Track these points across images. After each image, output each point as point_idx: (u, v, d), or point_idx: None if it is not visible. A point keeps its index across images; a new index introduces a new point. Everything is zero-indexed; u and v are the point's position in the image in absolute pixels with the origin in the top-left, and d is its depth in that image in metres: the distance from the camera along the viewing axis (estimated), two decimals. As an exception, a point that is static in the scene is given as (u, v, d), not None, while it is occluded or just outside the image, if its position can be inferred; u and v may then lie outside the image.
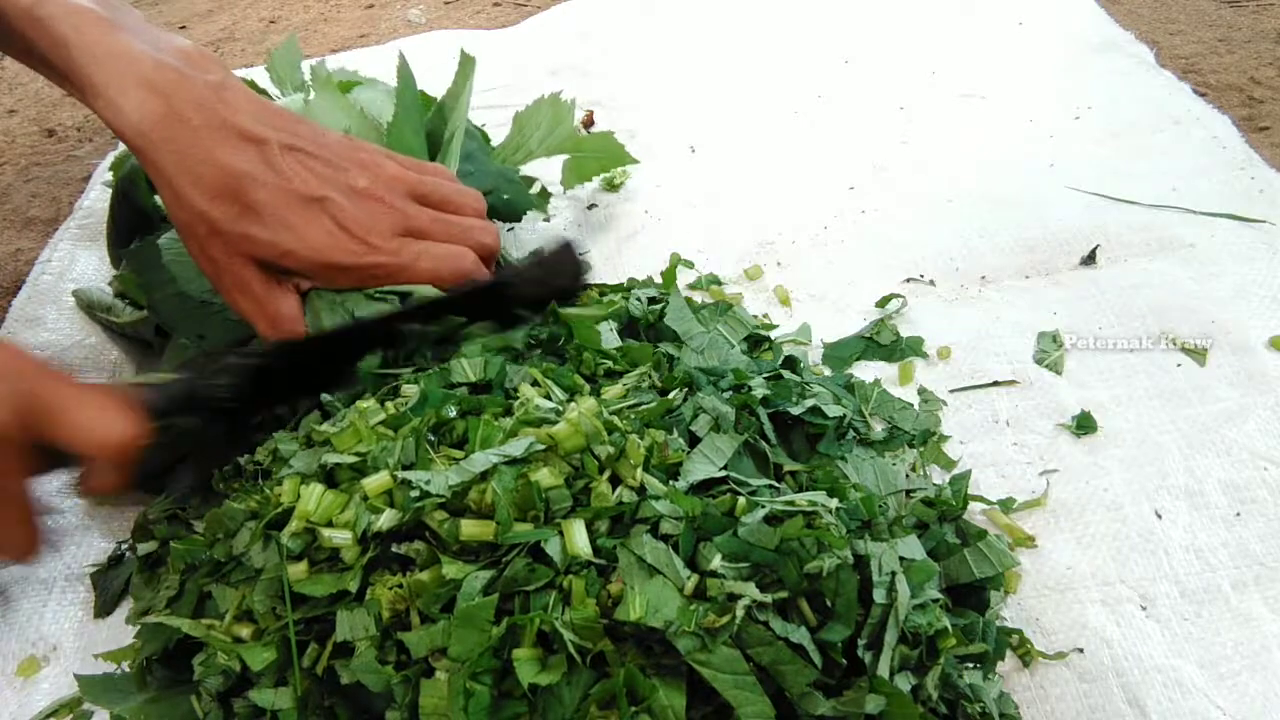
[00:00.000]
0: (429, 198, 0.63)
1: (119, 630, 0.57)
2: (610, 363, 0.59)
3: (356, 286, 0.60)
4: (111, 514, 0.64)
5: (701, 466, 0.49)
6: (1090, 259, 0.75)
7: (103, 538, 0.63)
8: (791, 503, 0.46)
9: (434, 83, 0.78)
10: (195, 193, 0.55)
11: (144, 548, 0.57)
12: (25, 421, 0.46)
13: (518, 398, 0.54)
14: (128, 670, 0.51)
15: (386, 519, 0.45)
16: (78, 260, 0.87)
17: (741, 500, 0.46)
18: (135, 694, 0.50)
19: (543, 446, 0.47)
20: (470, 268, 0.62)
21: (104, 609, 0.58)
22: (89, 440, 0.48)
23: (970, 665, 0.48)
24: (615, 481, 0.47)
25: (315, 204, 0.57)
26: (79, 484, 0.53)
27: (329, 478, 0.50)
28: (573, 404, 0.51)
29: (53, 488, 0.66)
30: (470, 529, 0.44)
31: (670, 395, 0.55)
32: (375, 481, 0.47)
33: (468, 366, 0.55)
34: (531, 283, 0.62)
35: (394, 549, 0.45)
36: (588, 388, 0.56)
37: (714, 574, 0.43)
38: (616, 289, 0.71)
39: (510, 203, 0.77)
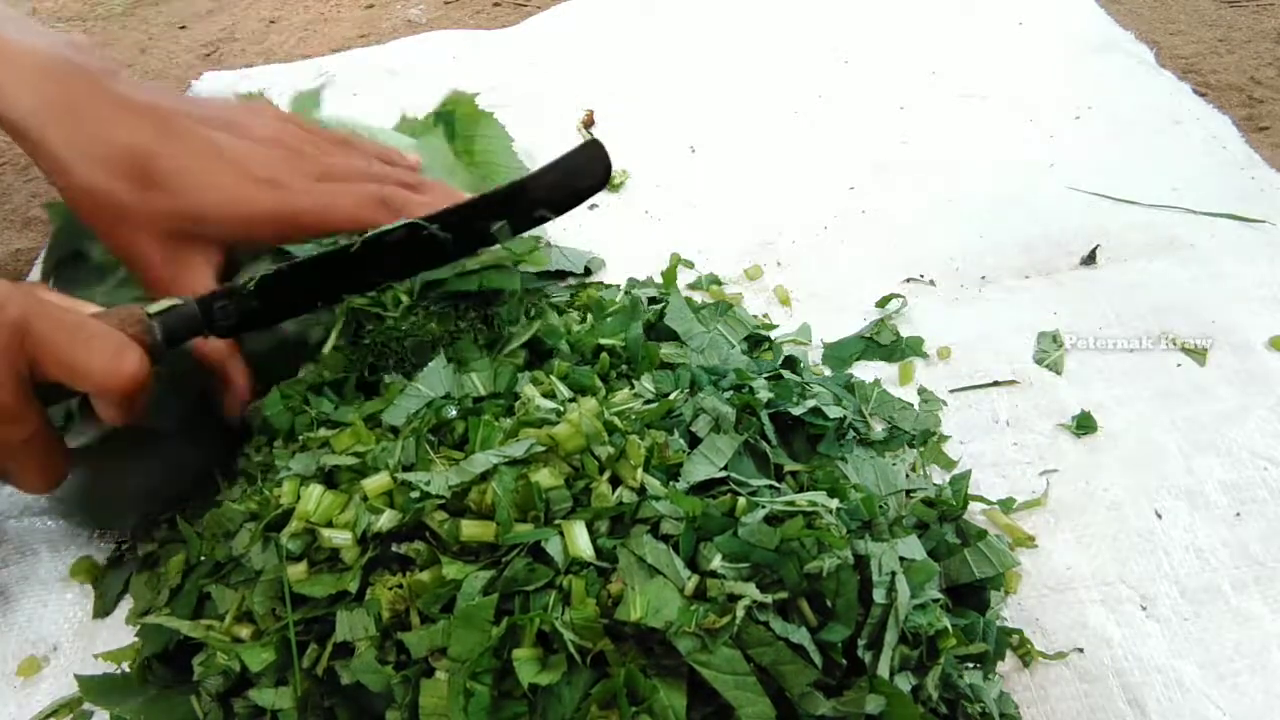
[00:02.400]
0: (336, 148, 0.63)
1: (119, 630, 0.56)
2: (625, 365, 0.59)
3: (282, 240, 0.58)
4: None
5: (702, 467, 0.49)
6: (1090, 259, 0.75)
7: (103, 537, 0.63)
8: (792, 503, 0.46)
9: (432, 82, 0.78)
10: (96, 172, 0.54)
11: (144, 548, 0.57)
12: (14, 361, 0.43)
13: (519, 398, 0.54)
14: (128, 670, 0.51)
15: (386, 519, 0.45)
16: (78, 260, 0.87)
17: (742, 500, 0.46)
18: (135, 694, 0.50)
19: (543, 447, 0.47)
20: (401, 201, 0.60)
21: (104, 609, 0.58)
22: (87, 382, 0.46)
23: (970, 665, 0.48)
24: (615, 482, 0.47)
25: (218, 159, 0.56)
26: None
27: (328, 479, 0.50)
28: (573, 404, 0.51)
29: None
30: (470, 529, 0.44)
31: (671, 396, 0.55)
32: (375, 482, 0.47)
33: (478, 380, 0.55)
34: (550, 186, 0.61)
35: (394, 549, 0.45)
36: (602, 389, 0.56)
37: (714, 574, 0.43)
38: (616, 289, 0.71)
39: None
